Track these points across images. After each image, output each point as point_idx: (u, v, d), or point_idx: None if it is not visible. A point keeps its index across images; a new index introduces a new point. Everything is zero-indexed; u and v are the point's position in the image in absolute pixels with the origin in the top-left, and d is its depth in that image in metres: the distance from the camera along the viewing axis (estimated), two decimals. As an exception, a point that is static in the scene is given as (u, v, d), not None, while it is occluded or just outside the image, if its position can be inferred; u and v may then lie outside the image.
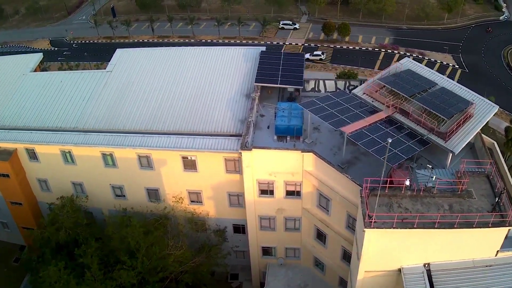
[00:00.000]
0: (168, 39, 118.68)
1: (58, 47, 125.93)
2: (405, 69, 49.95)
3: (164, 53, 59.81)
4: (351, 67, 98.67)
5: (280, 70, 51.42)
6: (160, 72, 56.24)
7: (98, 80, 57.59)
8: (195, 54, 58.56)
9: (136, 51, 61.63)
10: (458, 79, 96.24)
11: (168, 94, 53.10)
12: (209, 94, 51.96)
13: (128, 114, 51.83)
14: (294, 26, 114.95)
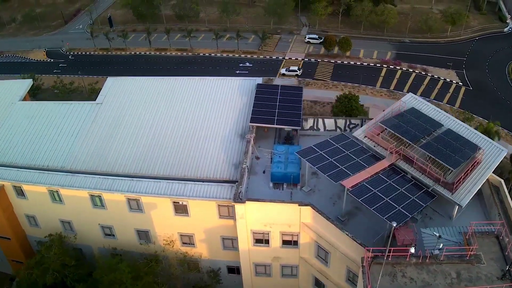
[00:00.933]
0: (165, 52, 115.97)
1: (54, 58, 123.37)
2: (408, 108, 47.13)
3: (156, 84, 57.45)
4: (352, 85, 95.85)
5: (277, 107, 48.83)
6: (151, 106, 53.81)
7: (87, 114, 55.41)
8: (188, 86, 56.20)
9: (127, 80, 59.32)
10: (462, 97, 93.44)
11: (159, 132, 50.60)
12: (202, 133, 49.47)
13: (117, 154, 49.42)
14: (320, 41, 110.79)
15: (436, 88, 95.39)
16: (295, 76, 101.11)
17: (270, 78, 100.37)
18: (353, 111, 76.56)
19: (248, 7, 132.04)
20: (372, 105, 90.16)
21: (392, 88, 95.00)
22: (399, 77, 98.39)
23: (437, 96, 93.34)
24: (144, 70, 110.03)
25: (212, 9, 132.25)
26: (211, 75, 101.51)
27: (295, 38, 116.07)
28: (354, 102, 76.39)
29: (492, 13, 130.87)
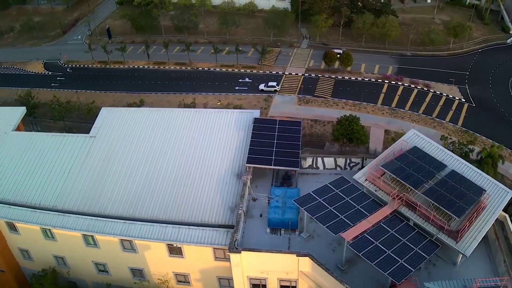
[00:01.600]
0: (164, 66, 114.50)
1: (52, 71, 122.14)
2: (411, 147, 45.50)
3: (151, 117, 55.89)
4: (353, 102, 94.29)
5: (275, 145, 47.27)
6: (146, 142, 52.30)
7: (80, 149, 54.09)
8: (184, 118, 54.68)
9: (121, 112, 57.78)
10: (465, 115, 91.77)
11: (153, 172, 49.11)
12: (197, 173, 47.97)
13: (109, 194, 48.06)
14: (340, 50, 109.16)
15: (439, 105, 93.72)
16: (274, 92, 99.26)
17: (269, 95, 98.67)
18: (354, 134, 75.05)
19: (248, 18, 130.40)
20: (373, 124, 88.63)
21: (394, 106, 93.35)
22: (401, 94, 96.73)
23: (440, 113, 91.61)
24: (142, 86, 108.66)
25: (211, 20, 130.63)
26: (210, 91, 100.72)
27: (295, 52, 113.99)
28: (355, 125, 74.83)
29: (495, 22, 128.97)
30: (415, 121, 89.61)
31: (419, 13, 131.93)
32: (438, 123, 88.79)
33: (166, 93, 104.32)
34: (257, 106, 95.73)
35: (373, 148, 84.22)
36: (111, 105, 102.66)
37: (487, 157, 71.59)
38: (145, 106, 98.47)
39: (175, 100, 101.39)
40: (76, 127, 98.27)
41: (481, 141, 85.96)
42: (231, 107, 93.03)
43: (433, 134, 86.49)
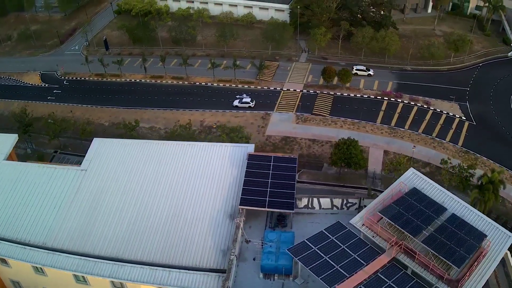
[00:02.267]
0: (161, 80, 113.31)
1: (48, 83, 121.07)
2: (410, 188, 44.15)
3: (144, 150, 54.54)
4: (352, 121, 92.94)
5: (269, 185, 46.02)
6: (137, 178, 51.13)
7: (71, 183, 53.09)
8: (177, 152, 53.38)
9: (113, 144, 56.64)
10: (465, 134, 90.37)
11: (144, 210, 47.97)
12: (189, 214, 46.95)
13: (99, 233, 46.98)
14: (368, 73, 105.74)
15: (439, 123, 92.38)
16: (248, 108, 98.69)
17: (267, 112, 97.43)
18: (352, 159, 73.74)
19: (246, 29, 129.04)
20: (372, 145, 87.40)
21: (393, 125, 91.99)
22: (401, 111, 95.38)
23: (440, 133, 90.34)
24: (139, 101, 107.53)
25: (209, 31, 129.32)
26: (207, 108, 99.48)
27: (294, 66, 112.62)
28: (353, 149, 73.58)
29: (496, 33, 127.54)
30: (414, 140, 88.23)
31: (420, 24, 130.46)
32: (438, 143, 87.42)
33: (162, 109, 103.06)
34: (254, 125, 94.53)
35: (372, 170, 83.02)
36: (107, 121, 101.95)
37: (487, 183, 70.19)
38: (141, 123, 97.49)
39: (172, 117, 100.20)
40: (72, 144, 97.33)
41: (482, 162, 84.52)
42: (229, 126, 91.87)
43: (433, 155, 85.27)
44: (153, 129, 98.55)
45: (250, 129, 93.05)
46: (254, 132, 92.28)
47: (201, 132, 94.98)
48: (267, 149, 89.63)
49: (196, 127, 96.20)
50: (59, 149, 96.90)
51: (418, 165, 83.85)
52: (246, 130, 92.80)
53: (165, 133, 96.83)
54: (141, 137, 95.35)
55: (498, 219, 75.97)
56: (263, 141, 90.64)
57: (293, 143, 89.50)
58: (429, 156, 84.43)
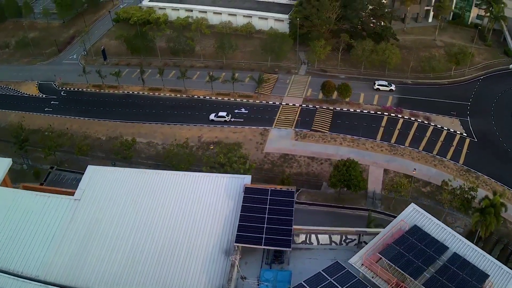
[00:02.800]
0: (159, 93, 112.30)
1: (46, 94, 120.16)
2: (411, 226, 43.06)
3: (138, 179, 53.40)
4: (352, 137, 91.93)
5: (266, 221, 44.97)
6: (131, 209, 50.09)
7: (64, 212, 52.11)
8: (172, 183, 52.17)
9: (107, 172, 55.48)
10: (466, 151, 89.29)
11: (138, 244, 47.01)
12: (184, 249, 45.95)
13: (92, 267, 46.18)
14: (390, 88, 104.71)
15: (439, 140, 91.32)
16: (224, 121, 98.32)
17: (266, 128, 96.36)
18: (351, 181, 72.64)
19: (245, 39, 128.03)
20: (372, 163, 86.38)
21: (394, 141, 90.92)
22: (401, 127, 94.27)
23: (441, 150, 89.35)
24: (136, 114, 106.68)
25: (208, 42, 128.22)
26: (205, 123, 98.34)
27: (293, 79, 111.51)
28: (352, 171, 72.44)
29: (497, 43, 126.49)
30: (414, 158, 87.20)
31: (420, 34, 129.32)
32: (439, 161, 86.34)
33: (160, 123, 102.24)
34: (252, 141, 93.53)
35: (371, 189, 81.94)
36: (104, 135, 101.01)
37: (489, 207, 69.17)
38: (138, 138, 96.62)
39: (169, 132, 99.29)
40: (68, 160, 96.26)
41: (483, 181, 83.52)
42: (227, 142, 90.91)
43: (433, 173, 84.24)
44: (151, 144, 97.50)
45: (248, 146, 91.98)
46: (253, 149, 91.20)
47: (198, 149, 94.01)
48: (266, 167, 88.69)
49: (193, 143, 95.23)
50: (56, 165, 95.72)
51: (419, 185, 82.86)
52: (244, 146, 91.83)
53: (163, 149, 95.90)
54: (139, 153, 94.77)
55: (500, 242, 75.01)
56: (262, 158, 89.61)
57: (291, 161, 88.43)
58: (430, 175, 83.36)
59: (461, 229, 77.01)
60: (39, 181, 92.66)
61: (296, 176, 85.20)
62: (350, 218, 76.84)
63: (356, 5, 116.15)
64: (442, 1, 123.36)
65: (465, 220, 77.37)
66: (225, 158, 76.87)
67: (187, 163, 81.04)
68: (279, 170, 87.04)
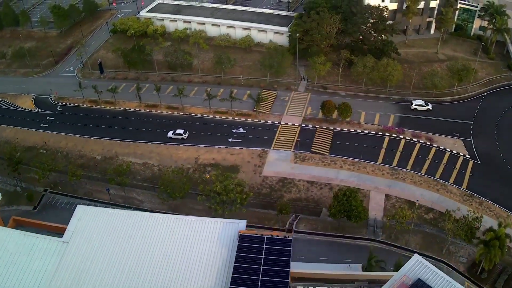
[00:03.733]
0: (155, 109, 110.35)
1: (41, 108, 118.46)
2: (414, 280, 40.87)
3: (129, 223, 51.28)
4: (352, 160, 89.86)
5: (261, 273, 42.72)
6: (121, 255, 48.24)
7: (52, 256, 50.13)
8: (164, 227, 50.04)
9: (98, 213, 53.50)
10: (469, 175, 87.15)
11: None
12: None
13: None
14: (427, 107, 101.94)
15: (442, 163, 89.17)
16: (181, 139, 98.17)
17: (264, 150, 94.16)
18: (352, 212, 70.44)
19: (244, 53, 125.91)
20: (373, 188, 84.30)
21: (395, 164, 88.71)
22: (403, 149, 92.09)
23: (443, 173, 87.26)
24: (132, 133, 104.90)
25: (206, 55, 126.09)
26: (202, 143, 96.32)
27: (292, 96, 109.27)
28: (353, 201, 70.25)
29: (500, 56, 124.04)
30: (416, 183, 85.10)
31: (422, 46, 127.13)
32: (441, 185, 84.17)
33: (156, 143, 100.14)
34: (250, 163, 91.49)
35: (372, 216, 79.82)
36: (99, 154, 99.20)
37: (493, 239, 67.06)
38: (134, 159, 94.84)
39: (166, 152, 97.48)
40: (62, 181, 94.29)
41: (487, 207, 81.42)
42: (224, 165, 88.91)
43: (436, 199, 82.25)
44: (146, 165, 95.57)
45: (246, 169, 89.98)
46: (250, 172, 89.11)
47: (195, 171, 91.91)
48: (264, 191, 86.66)
49: (190, 165, 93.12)
50: (49, 188, 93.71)
51: (421, 211, 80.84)
52: (242, 169, 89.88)
53: (159, 171, 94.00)
54: (134, 174, 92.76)
55: (504, 271, 72.98)
56: (260, 182, 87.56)
57: (290, 185, 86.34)
58: (433, 201, 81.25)
59: (465, 258, 74.87)
60: (33, 205, 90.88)
61: (294, 202, 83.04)
62: (351, 249, 74.84)
63: (357, 19, 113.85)
64: (445, 13, 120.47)
65: (469, 249, 75.28)
66: (222, 187, 74.55)
67: (182, 191, 78.77)
68: (277, 195, 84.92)
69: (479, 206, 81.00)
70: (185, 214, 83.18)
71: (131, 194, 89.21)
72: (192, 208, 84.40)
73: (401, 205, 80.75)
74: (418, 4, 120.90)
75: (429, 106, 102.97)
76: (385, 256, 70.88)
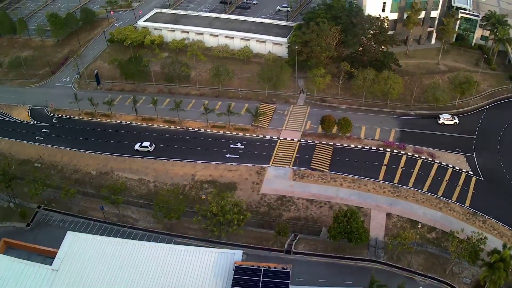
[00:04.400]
0: (152, 123, 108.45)
1: (37, 120, 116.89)
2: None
3: (121, 250, 49.20)
4: (353, 177, 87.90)
5: (257, 310, 40.34)
6: (111, 285, 45.71)
7: (41, 285, 47.83)
8: (155, 257, 47.94)
9: (88, 241, 51.46)
10: (472, 192, 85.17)
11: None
12: None
13: None
14: (455, 121, 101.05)
15: (444, 180, 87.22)
16: (147, 152, 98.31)
17: (262, 166, 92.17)
18: (353, 234, 68.39)
19: (243, 64, 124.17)
20: (374, 206, 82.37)
21: (396, 182, 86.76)
22: (404, 165, 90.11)
23: (446, 191, 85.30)
24: (128, 147, 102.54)
25: (204, 66, 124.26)
26: (199, 159, 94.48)
27: (291, 110, 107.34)
28: (354, 223, 68.25)
29: (502, 66, 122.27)
30: (419, 201, 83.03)
31: (423, 57, 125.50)
32: (444, 203, 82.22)
33: (153, 158, 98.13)
34: (248, 180, 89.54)
35: (374, 235, 77.84)
36: (94, 169, 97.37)
37: (498, 262, 65.04)
38: (129, 175, 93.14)
39: (162, 168, 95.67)
40: (56, 198, 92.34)
41: (491, 225, 79.46)
42: (221, 182, 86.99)
43: (439, 218, 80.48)
44: (142, 181, 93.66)
45: (244, 186, 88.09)
46: (248, 190, 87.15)
47: (191, 188, 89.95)
48: (262, 210, 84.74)
49: (187, 182, 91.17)
50: (43, 204, 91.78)
51: (424, 230, 79.10)
52: (239, 187, 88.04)
53: (154, 187, 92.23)
54: (129, 191, 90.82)
55: (509, 295, 70.90)
56: (258, 200, 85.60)
57: (289, 204, 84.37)
58: (435, 220, 79.32)
59: (469, 279, 72.89)
60: (26, 222, 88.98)
61: (293, 221, 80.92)
62: (351, 270, 72.85)
63: (357, 30, 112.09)
64: (446, 23, 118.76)
65: (473, 270, 73.26)
66: (218, 207, 72.51)
67: (177, 211, 76.76)
68: (276, 214, 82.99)
69: (482, 225, 79.01)
70: (181, 233, 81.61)
71: (126, 212, 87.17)
72: (188, 227, 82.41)
73: (403, 225, 78.77)
74: (419, 14, 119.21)
75: (456, 119, 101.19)
76: (387, 278, 69.01)
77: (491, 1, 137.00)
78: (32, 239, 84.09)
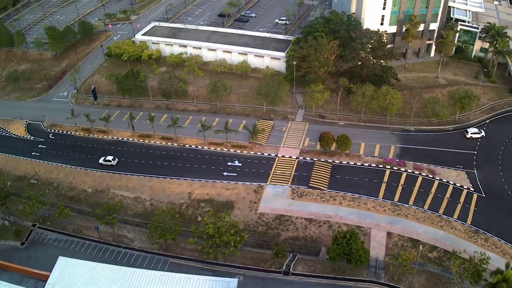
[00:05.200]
0: (149, 140, 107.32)
1: (34, 136, 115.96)
2: None
3: (113, 277, 47.78)
4: (352, 196, 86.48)
5: None
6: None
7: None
8: (149, 284, 46.23)
9: (80, 267, 50.27)
10: (474, 209, 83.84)
11: None
12: None
13: None
14: (481, 134, 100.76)
15: (445, 197, 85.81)
16: (111, 166, 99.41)
17: (260, 184, 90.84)
18: (352, 255, 66.86)
19: (241, 79, 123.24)
20: (374, 225, 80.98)
21: (397, 200, 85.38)
22: (404, 183, 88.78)
23: (447, 208, 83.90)
24: (125, 165, 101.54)
25: (202, 81, 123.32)
26: (196, 177, 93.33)
27: (290, 126, 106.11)
28: (353, 244, 66.73)
29: (502, 79, 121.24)
30: (419, 219, 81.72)
31: (423, 70, 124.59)
32: (445, 221, 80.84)
33: (149, 176, 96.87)
34: (246, 199, 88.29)
35: (374, 255, 76.31)
36: (90, 187, 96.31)
37: (501, 282, 63.55)
38: (125, 192, 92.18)
39: (158, 186, 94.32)
40: (51, 216, 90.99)
41: (493, 243, 78.06)
42: (218, 201, 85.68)
43: (440, 236, 79.10)
44: (138, 199, 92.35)
45: (241, 205, 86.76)
46: (246, 209, 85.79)
47: (188, 207, 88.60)
48: (260, 229, 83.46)
49: (183, 200, 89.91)
50: (38, 223, 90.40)
51: (425, 249, 77.35)
52: (237, 206, 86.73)
53: (151, 206, 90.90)
54: (125, 209, 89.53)
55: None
56: (255, 219, 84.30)
57: (287, 223, 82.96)
58: (436, 239, 77.83)
59: (471, 300, 71.22)
60: (20, 240, 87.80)
61: (292, 241, 79.53)
62: None
63: (356, 44, 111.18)
64: (445, 36, 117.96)
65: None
66: (215, 229, 71.08)
67: (173, 233, 75.34)
68: (274, 233, 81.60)
69: (485, 243, 77.71)
70: (177, 254, 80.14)
71: (121, 231, 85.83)
72: (184, 248, 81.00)
73: (403, 244, 77.37)
74: (417, 26, 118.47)
75: (482, 132, 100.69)
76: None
77: (490, 13, 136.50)
78: (26, 258, 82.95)
